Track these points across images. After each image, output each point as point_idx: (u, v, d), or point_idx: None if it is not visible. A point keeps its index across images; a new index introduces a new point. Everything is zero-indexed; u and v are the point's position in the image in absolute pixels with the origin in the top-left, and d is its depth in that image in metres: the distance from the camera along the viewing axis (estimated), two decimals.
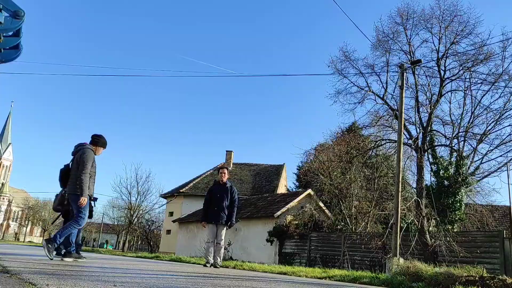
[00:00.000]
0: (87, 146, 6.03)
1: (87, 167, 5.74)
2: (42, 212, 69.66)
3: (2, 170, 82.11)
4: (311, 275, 7.61)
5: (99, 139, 6.24)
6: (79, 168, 5.75)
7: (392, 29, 16.05)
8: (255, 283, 3.89)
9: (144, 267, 5.48)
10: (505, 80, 14.36)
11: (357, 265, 13.95)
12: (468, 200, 15.54)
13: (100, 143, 6.23)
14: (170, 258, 12.19)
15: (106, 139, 6.33)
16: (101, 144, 6.25)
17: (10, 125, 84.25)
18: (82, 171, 5.70)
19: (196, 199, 27.24)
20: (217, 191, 7.85)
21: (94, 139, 6.22)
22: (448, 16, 15.13)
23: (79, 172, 5.73)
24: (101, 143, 6.25)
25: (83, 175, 5.69)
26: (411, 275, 5.85)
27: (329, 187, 18.43)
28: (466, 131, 14.84)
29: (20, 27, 3.22)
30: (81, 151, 5.93)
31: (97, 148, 6.19)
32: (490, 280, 4.12)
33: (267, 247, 18.36)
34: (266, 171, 32.18)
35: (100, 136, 6.28)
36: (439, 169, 15.48)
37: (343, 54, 16.70)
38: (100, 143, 6.24)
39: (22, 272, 3.02)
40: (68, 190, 5.91)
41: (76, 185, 5.72)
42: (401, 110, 11.61)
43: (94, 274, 3.51)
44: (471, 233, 12.83)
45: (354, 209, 17.81)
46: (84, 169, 5.71)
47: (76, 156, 5.97)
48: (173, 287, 2.80)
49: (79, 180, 5.69)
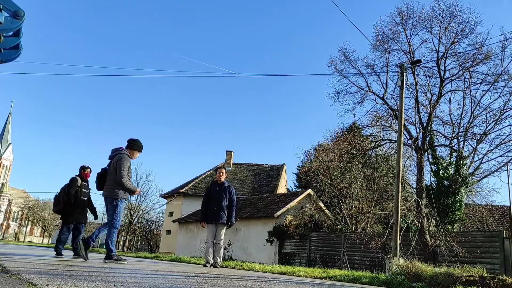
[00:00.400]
0: (123, 151, 6.23)
1: (123, 172, 5.99)
2: (42, 212, 69.67)
3: (2, 170, 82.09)
4: (311, 275, 7.61)
5: (134, 143, 6.41)
6: (117, 175, 6.00)
7: (392, 29, 16.06)
8: (255, 283, 3.89)
9: (144, 267, 5.48)
10: (505, 80, 14.38)
11: (357, 265, 13.95)
12: (468, 200, 15.55)
13: (135, 147, 6.39)
14: (170, 258, 12.19)
15: (141, 143, 6.53)
16: (136, 148, 6.41)
17: (10, 125, 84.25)
18: (121, 177, 5.97)
19: (196, 199, 27.23)
20: (215, 191, 7.84)
21: (130, 143, 6.41)
22: (448, 16, 15.14)
23: (118, 178, 5.99)
24: (136, 146, 6.40)
25: (123, 179, 5.97)
26: (411, 275, 5.85)
27: (329, 187, 18.43)
28: (466, 131, 14.84)
29: (20, 27, 3.22)
30: (117, 156, 6.15)
31: (133, 152, 6.37)
32: (490, 280, 4.12)
33: (267, 247, 18.36)
34: (266, 171, 32.17)
35: (136, 140, 6.47)
36: (439, 169, 15.49)
37: (343, 54, 16.70)
38: (135, 147, 6.39)
39: (22, 272, 3.02)
40: (104, 193, 6.17)
41: (114, 188, 6.01)
42: (401, 110, 11.61)
43: (94, 274, 3.51)
44: (471, 233, 12.83)
45: (354, 209, 17.81)
46: (122, 175, 5.97)
47: (113, 161, 6.18)
48: (173, 287, 2.80)
49: (121, 185, 5.97)
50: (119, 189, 6.06)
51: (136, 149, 6.40)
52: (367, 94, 16.35)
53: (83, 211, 8.21)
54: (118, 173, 5.99)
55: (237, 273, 6.41)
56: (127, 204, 34.44)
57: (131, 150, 6.36)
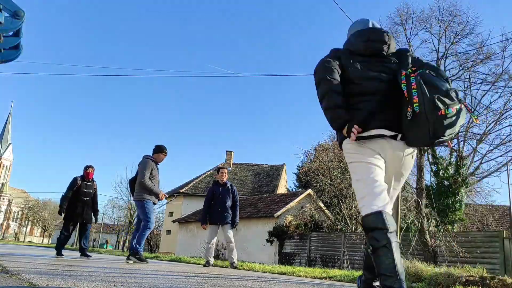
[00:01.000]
0: (146, 156, 6.85)
1: (145, 174, 6.55)
2: (42, 212, 69.75)
3: (2, 170, 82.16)
4: (311, 275, 7.61)
5: (155, 147, 7.00)
6: (139, 177, 6.63)
7: (391, 29, 16.05)
8: (255, 283, 3.90)
9: (144, 267, 5.48)
10: (505, 80, 14.39)
11: (357, 265, 13.95)
12: (468, 200, 15.55)
13: (156, 149, 6.96)
14: (170, 258, 12.18)
15: (161, 146, 7.01)
16: (157, 150, 6.94)
17: (10, 125, 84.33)
18: (142, 179, 6.53)
19: (196, 199, 27.26)
20: (218, 192, 7.81)
21: (154, 148, 7.03)
22: (448, 17, 15.16)
23: (138, 180, 6.61)
24: (156, 149, 6.96)
25: (144, 180, 6.50)
26: (411, 275, 5.85)
27: (329, 187, 18.43)
28: (466, 131, 14.85)
29: (20, 27, 3.22)
30: (140, 162, 6.82)
31: (157, 155, 6.91)
32: (490, 280, 4.12)
33: (267, 247, 18.37)
34: (266, 171, 32.18)
35: (158, 145, 7.02)
36: (439, 169, 15.50)
37: None
38: (157, 150, 6.95)
39: (22, 272, 3.02)
40: (133, 197, 6.82)
41: (140, 192, 6.56)
42: None
43: (94, 274, 3.52)
44: (471, 233, 12.83)
45: (354, 209, 17.81)
46: (142, 176, 6.55)
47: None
48: (173, 287, 2.80)
49: (143, 187, 6.53)
50: (143, 191, 6.57)
51: (157, 151, 6.91)
52: None
53: (84, 210, 8.17)
54: (139, 176, 6.60)
55: (237, 273, 6.42)
56: (126, 204, 34.50)
57: (155, 154, 6.91)
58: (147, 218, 6.48)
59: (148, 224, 6.47)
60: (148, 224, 6.48)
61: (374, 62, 2.64)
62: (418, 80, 2.36)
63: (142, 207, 6.55)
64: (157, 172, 6.78)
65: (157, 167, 6.84)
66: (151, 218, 6.53)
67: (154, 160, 6.82)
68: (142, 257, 6.50)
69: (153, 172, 6.66)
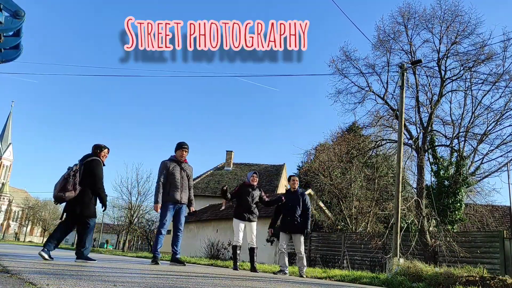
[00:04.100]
0: (163, 160, 6.74)
1: (158, 178, 6.54)
2: (42, 212, 69.64)
3: (2, 170, 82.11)
4: (311, 275, 7.62)
5: (176, 145, 6.86)
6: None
7: (393, 28, 16.07)
8: (255, 283, 3.89)
9: (144, 267, 5.48)
10: (506, 80, 14.36)
11: (357, 265, 13.95)
12: (468, 200, 15.53)
13: (175, 147, 6.80)
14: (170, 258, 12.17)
15: (180, 142, 6.82)
16: (175, 148, 6.79)
17: (10, 125, 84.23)
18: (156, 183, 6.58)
19: (196, 199, 27.16)
20: (288, 200, 7.64)
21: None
22: (449, 16, 15.14)
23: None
24: (175, 147, 6.80)
25: (156, 185, 6.51)
26: (411, 275, 5.85)
27: (329, 187, 18.42)
28: (466, 131, 14.83)
29: (20, 27, 3.22)
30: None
31: (176, 153, 6.75)
32: (490, 280, 4.12)
33: (267, 247, 18.35)
34: (266, 171, 32.15)
35: (177, 143, 6.88)
36: (440, 169, 15.48)
37: (344, 53, 16.70)
38: (175, 148, 6.79)
39: (22, 272, 3.02)
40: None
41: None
42: (402, 110, 11.61)
43: (94, 274, 3.51)
44: (471, 233, 12.82)
45: (354, 209, 17.80)
46: (157, 180, 6.56)
47: None
48: (173, 287, 2.80)
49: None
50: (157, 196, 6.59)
51: (177, 148, 6.75)
52: (367, 94, 16.36)
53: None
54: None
55: (237, 273, 6.43)
56: (127, 204, 34.48)
57: (175, 152, 6.77)
58: (160, 221, 6.50)
59: (159, 228, 6.48)
60: (159, 228, 6.51)
61: None
62: None
63: (161, 211, 6.52)
64: (176, 170, 6.54)
65: (179, 165, 6.60)
66: (162, 222, 6.43)
67: (172, 159, 6.67)
68: (155, 260, 6.39)
69: (170, 171, 6.51)
